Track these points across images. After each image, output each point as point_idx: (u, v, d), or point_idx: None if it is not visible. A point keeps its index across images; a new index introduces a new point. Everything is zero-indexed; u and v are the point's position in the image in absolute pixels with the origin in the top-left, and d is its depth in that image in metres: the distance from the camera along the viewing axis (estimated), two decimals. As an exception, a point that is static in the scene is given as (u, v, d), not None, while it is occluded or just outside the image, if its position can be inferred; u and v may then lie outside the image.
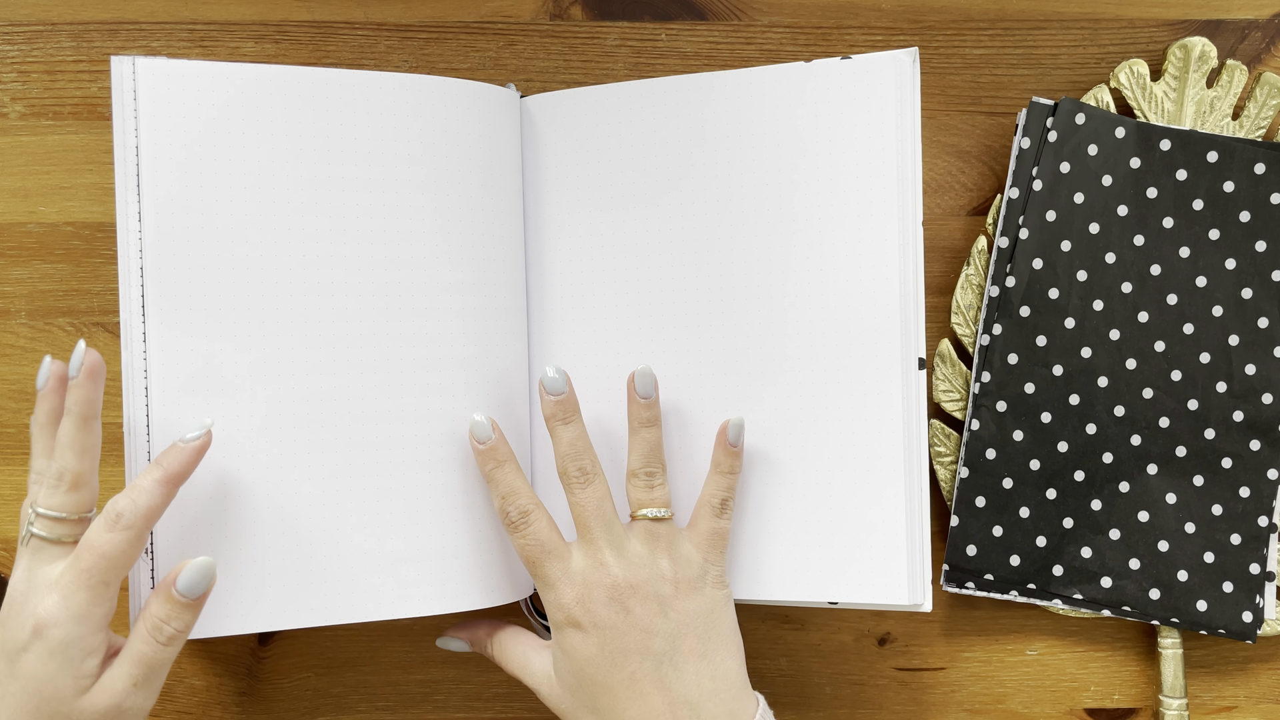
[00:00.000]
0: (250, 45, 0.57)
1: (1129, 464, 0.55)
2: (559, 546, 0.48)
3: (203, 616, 0.49)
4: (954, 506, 0.56)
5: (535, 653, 0.50)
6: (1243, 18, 0.58)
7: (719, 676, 0.48)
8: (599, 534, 0.48)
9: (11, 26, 0.57)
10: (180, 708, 0.57)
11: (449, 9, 0.58)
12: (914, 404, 0.52)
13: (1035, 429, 0.55)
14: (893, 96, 0.52)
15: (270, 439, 0.49)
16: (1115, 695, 0.58)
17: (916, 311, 0.52)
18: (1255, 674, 0.58)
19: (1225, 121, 0.55)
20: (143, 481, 0.44)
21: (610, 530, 0.48)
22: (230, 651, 0.57)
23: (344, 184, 0.50)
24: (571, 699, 0.48)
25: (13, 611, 0.43)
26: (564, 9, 0.58)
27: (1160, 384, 0.55)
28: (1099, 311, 0.55)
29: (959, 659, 0.58)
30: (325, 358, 0.50)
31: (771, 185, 0.53)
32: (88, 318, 0.57)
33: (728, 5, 0.58)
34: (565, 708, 0.48)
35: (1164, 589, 0.55)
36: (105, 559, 0.43)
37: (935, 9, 0.58)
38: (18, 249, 0.57)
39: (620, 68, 0.58)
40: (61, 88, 0.57)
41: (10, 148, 0.57)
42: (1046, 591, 0.55)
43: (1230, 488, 0.55)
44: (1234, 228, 0.55)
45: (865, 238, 0.52)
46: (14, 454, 0.56)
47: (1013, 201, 0.55)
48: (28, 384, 0.56)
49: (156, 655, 0.43)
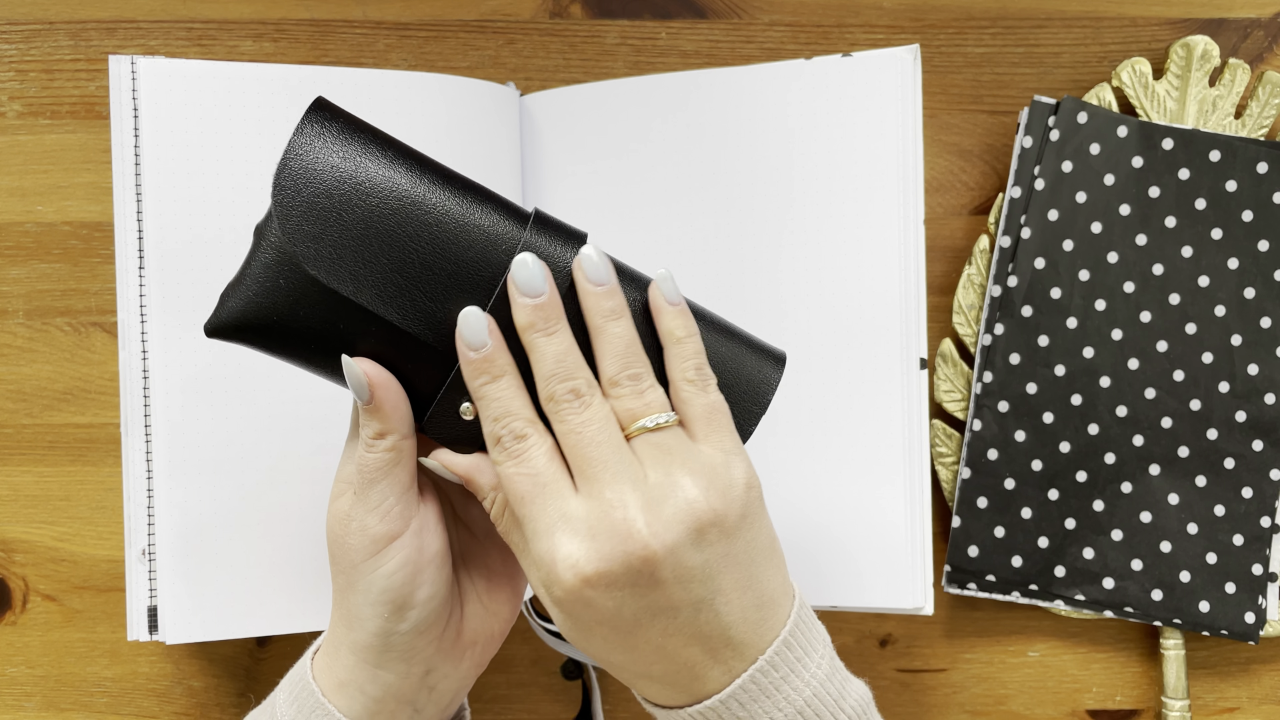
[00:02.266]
0: (248, 44, 0.57)
1: (1131, 464, 0.55)
2: (559, 482, 0.37)
3: (202, 619, 0.49)
4: (955, 507, 0.56)
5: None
6: (1245, 16, 0.57)
7: (764, 601, 0.38)
8: (611, 464, 0.37)
9: (9, 25, 0.56)
10: (179, 709, 0.56)
11: (448, 7, 0.57)
12: (915, 404, 0.52)
13: (1037, 429, 0.55)
14: (894, 94, 0.51)
15: (271, 440, 0.49)
16: (1117, 696, 0.58)
17: (918, 311, 0.52)
18: (1258, 675, 0.58)
19: (1228, 120, 0.55)
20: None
21: (622, 458, 0.37)
22: (229, 653, 0.56)
23: (343, 183, 0.50)
24: (583, 644, 0.39)
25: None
26: (564, 7, 0.58)
27: (1163, 384, 0.55)
28: (1101, 311, 0.55)
29: (961, 660, 0.58)
30: (324, 358, 0.50)
31: (772, 183, 0.53)
32: (85, 317, 0.56)
33: (728, 3, 0.57)
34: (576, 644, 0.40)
35: (1166, 590, 0.55)
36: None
37: (937, 7, 0.58)
38: (15, 248, 0.56)
39: (620, 66, 0.57)
40: (59, 87, 0.56)
41: (8, 147, 0.56)
42: (1048, 592, 0.55)
43: (1232, 488, 0.55)
44: (1236, 227, 0.55)
45: (866, 236, 0.52)
46: (12, 454, 0.56)
47: (1015, 201, 0.55)
48: (26, 384, 0.56)
49: (364, 459, 0.40)
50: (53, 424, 0.56)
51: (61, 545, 0.56)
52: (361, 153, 0.38)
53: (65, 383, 0.56)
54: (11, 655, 0.56)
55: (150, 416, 0.48)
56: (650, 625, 0.37)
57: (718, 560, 0.37)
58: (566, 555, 0.36)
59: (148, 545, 0.48)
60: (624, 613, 0.36)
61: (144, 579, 0.48)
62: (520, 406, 0.39)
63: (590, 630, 0.37)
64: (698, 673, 0.38)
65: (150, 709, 0.56)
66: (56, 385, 0.56)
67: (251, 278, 0.39)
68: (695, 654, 0.37)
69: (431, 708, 0.43)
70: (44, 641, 0.56)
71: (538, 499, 0.37)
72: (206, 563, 0.49)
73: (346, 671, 0.41)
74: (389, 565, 0.40)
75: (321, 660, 0.42)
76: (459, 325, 0.38)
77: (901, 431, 0.51)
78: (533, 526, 0.37)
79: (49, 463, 0.56)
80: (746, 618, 0.38)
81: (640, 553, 0.36)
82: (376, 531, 0.39)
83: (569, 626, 0.38)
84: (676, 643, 0.37)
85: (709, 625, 0.37)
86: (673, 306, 0.40)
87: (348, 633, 0.41)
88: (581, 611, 0.37)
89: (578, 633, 0.38)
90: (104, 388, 0.56)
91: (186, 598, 0.48)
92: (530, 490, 0.37)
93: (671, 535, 0.36)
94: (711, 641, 0.37)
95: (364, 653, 0.40)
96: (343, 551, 0.40)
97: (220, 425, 0.49)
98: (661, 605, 0.36)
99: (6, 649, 0.56)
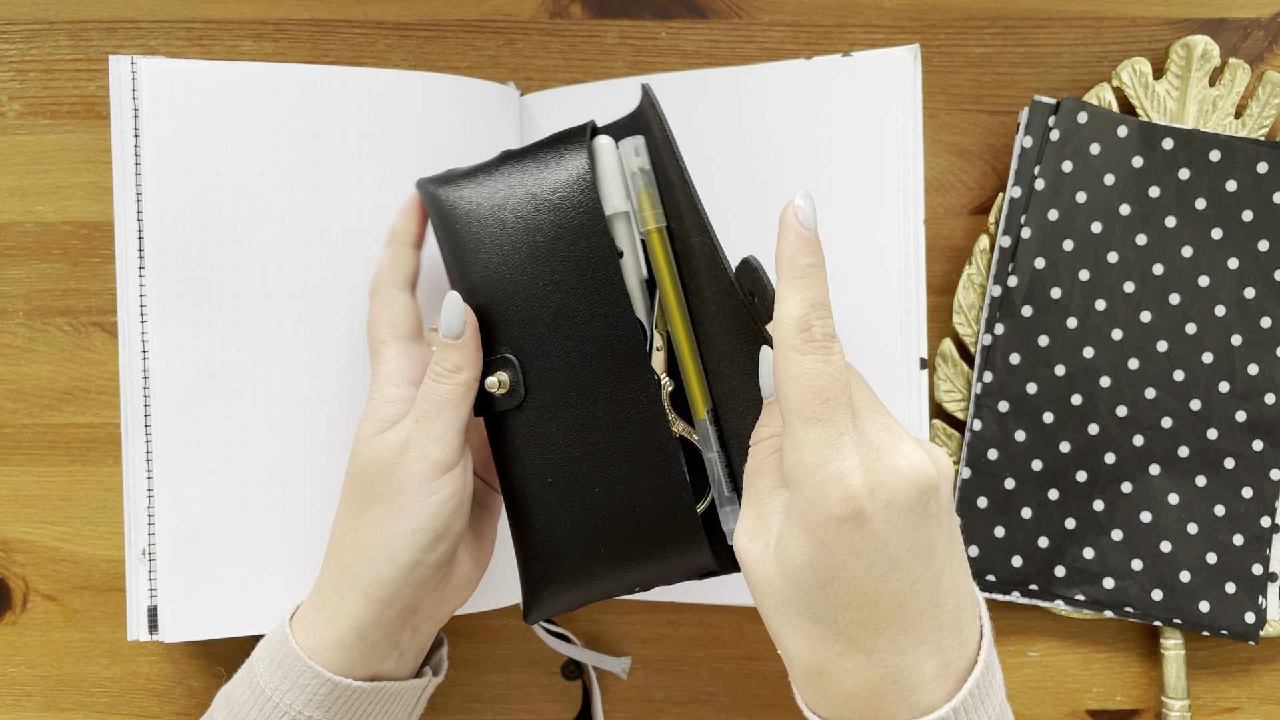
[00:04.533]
0: (248, 44, 0.57)
1: (1131, 464, 0.55)
2: (848, 395, 0.36)
3: (202, 618, 0.49)
4: (955, 507, 0.55)
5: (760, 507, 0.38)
6: (1245, 16, 0.57)
7: (973, 596, 0.38)
8: (876, 403, 0.37)
9: (9, 25, 0.56)
10: (179, 708, 0.56)
11: (448, 7, 0.57)
12: (915, 404, 0.52)
13: (1037, 429, 0.55)
14: (894, 94, 0.51)
15: (271, 441, 0.49)
16: (1118, 696, 0.58)
17: (918, 311, 0.52)
18: (1258, 675, 0.58)
19: (1228, 120, 0.55)
20: (380, 256, 0.48)
21: (879, 402, 0.37)
22: (229, 653, 0.56)
23: (344, 183, 0.50)
24: (793, 592, 0.36)
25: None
26: (564, 7, 0.57)
27: (1163, 384, 0.55)
28: (1101, 311, 0.55)
29: (960, 660, 0.58)
30: (327, 358, 0.50)
31: (771, 183, 0.53)
32: (85, 317, 0.56)
33: (728, 3, 0.57)
34: (773, 593, 0.36)
35: (1166, 590, 0.55)
36: (369, 326, 0.47)
37: (937, 7, 0.58)
38: (15, 248, 0.56)
39: (620, 66, 0.57)
40: (59, 87, 0.56)
41: (8, 147, 0.56)
42: (1049, 592, 0.55)
43: (1233, 488, 0.55)
44: (1236, 227, 0.55)
45: (866, 236, 0.52)
46: (12, 454, 0.56)
47: (1015, 200, 0.55)
48: (26, 383, 0.56)
49: (431, 390, 0.43)
50: (53, 424, 0.56)
51: (61, 545, 0.56)
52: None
53: (65, 383, 0.56)
54: (11, 655, 0.56)
55: (150, 416, 0.48)
56: (907, 568, 0.35)
57: (954, 523, 0.37)
58: (855, 468, 0.34)
59: (148, 545, 0.48)
60: (890, 544, 0.34)
61: (144, 579, 0.48)
62: (828, 297, 0.37)
63: (844, 564, 0.34)
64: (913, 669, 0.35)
65: (150, 709, 0.56)
66: (56, 385, 0.56)
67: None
68: (927, 629, 0.35)
69: (412, 650, 0.46)
70: (44, 641, 0.56)
71: (837, 405, 0.35)
72: (206, 563, 0.49)
73: (348, 619, 0.43)
74: (442, 494, 0.42)
75: (306, 621, 0.44)
76: (798, 205, 0.38)
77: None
78: (823, 433, 0.35)
79: (49, 463, 0.56)
80: (964, 603, 0.36)
81: (924, 480, 0.35)
82: (437, 458, 0.42)
83: (821, 556, 0.35)
84: (920, 603, 0.35)
85: (945, 595, 0.36)
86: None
87: (370, 568, 0.42)
88: (850, 534, 0.34)
89: (829, 563, 0.35)
90: (104, 388, 0.56)
91: (186, 597, 0.48)
92: (836, 393, 0.35)
93: (943, 471, 0.36)
94: (941, 618, 0.35)
95: (384, 586, 0.42)
96: (394, 478, 0.42)
97: (220, 425, 0.49)
98: (923, 545, 0.35)
99: (6, 649, 0.56)
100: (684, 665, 0.58)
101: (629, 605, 0.58)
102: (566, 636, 0.56)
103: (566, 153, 0.45)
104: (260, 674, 0.44)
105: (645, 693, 0.58)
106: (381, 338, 0.46)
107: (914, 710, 0.35)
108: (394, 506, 0.42)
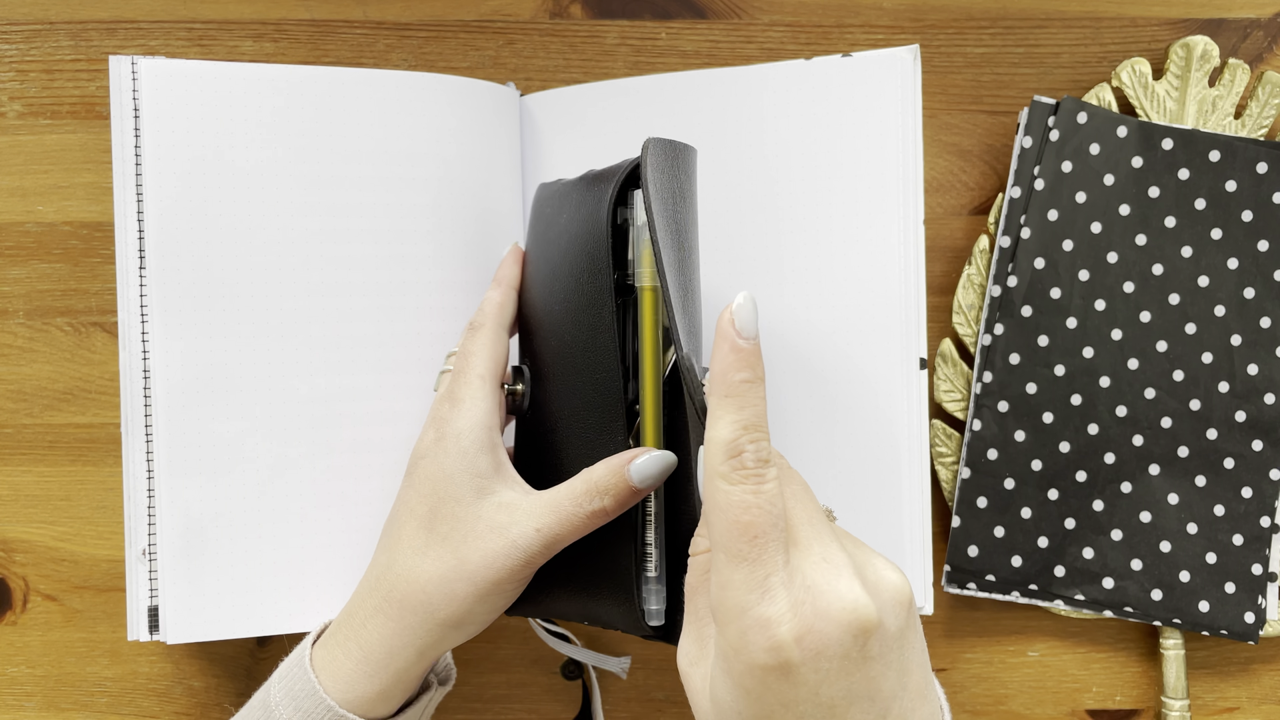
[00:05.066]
0: (249, 44, 0.57)
1: (1131, 464, 0.55)
2: (781, 529, 0.33)
3: (203, 619, 0.49)
4: (955, 507, 0.56)
5: (699, 629, 0.36)
6: (1245, 16, 0.57)
7: (933, 711, 0.35)
8: (819, 527, 0.33)
9: (9, 25, 0.56)
10: (179, 709, 0.56)
11: (448, 7, 0.57)
12: (915, 404, 0.52)
13: (1037, 429, 0.55)
14: (894, 94, 0.51)
15: (272, 441, 0.49)
16: (1117, 696, 0.58)
17: (918, 311, 0.52)
18: (1257, 675, 0.58)
19: (1227, 121, 0.55)
20: (487, 293, 0.48)
21: (826, 523, 0.34)
22: (229, 653, 0.56)
23: (344, 183, 0.50)
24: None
25: (423, 432, 0.46)
26: (564, 7, 0.58)
27: (1162, 384, 0.55)
28: (1101, 311, 0.55)
29: (960, 660, 0.58)
30: (327, 358, 0.50)
31: (771, 183, 0.53)
32: (85, 318, 0.56)
33: (728, 3, 0.58)
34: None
35: (1166, 590, 0.55)
36: (466, 356, 0.45)
37: (936, 7, 0.58)
38: (15, 248, 0.56)
39: (620, 66, 0.57)
40: (59, 87, 0.56)
41: (8, 147, 0.56)
42: (1048, 592, 0.55)
43: (1232, 488, 0.55)
44: (1236, 227, 0.55)
45: (866, 236, 0.52)
46: (13, 454, 0.56)
47: (1014, 201, 0.55)
48: (26, 383, 0.56)
49: (572, 521, 0.41)
50: (53, 424, 0.56)
51: (61, 545, 0.56)
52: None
53: (65, 383, 0.56)
54: (11, 655, 0.56)
55: (150, 416, 0.48)
56: (844, 714, 0.32)
57: (907, 652, 0.34)
58: (782, 614, 0.31)
59: (148, 545, 0.48)
60: (822, 693, 0.32)
61: (144, 579, 0.48)
62: (765, 419, 0.34)
63: (772, 714, 0.32)
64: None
65: (150, 709, 0.56)
66: (56, 385, 0.56)
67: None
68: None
69: (420, 670, 0.44)
70: (44, 641, 0.56)
71: (768, 543, 0.32)
72: (206, 563, 0.49)
73: (392, 673, 0.42)
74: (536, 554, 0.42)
75: (331, 651, 0.43)
76: (733, 313, 0.34)
77: (901, 431, 0.52)
78: (749, 574, 0.32)
79: (49, 463, 0.56)
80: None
81: (860, 623, 0.32)
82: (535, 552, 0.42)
83: (748, 705, 0.32)
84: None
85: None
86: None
87: (458, 581, 0.42)
88: (776, 685, 0.32)
89: (757, 712, 0.32)
90: (104, 388, 0.56)
91: (186, 598, 0.48)
92: (766, 528, 0.32)
93: (885, 608, 0.33)
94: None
95: (469, 601, 0.42)
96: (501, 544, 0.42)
97: (220, 425, 0.49)
98: (862, 689, 0.32)
99: (6, 649, 0.56)
100: (684, 665, 0.58)
101: (629, 605, 0.58)
102: (566, 636, 0.56)
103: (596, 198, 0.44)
104: (276, 709, 0.43)
105: (645, 693, 0.58)
106: (480, 371, 0.45)
107: None
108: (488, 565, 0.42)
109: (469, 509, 0.42)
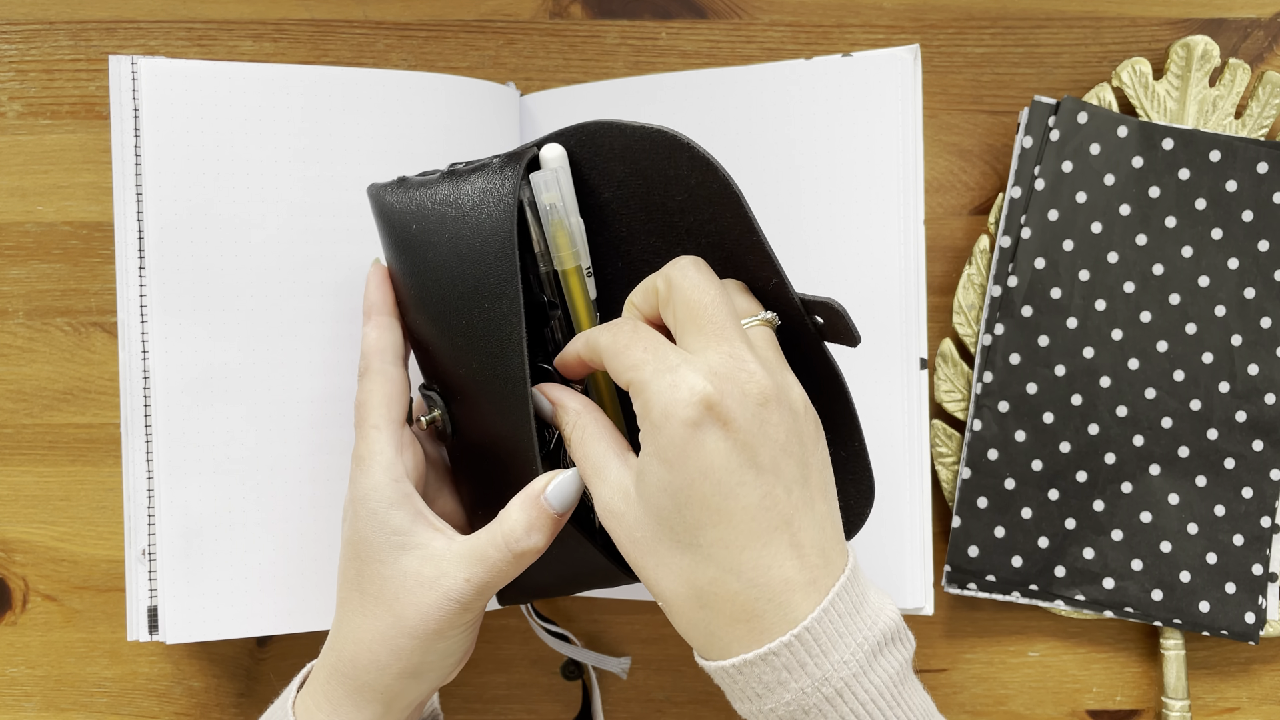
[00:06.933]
0: (248, 44, 0.57)
1: (1131, 464, 0.55)
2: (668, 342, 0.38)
3: (202, 619, 0.49)
4: (955, 507, 0.55)
5: (617, 458, 0.38)
6: (1245, 16, 0.57)
7: (836, 525, 0.38)
8: (731, 328, 0.37)
9: (9, 25, 0.56)
10: (179, 709, 0.56)
11: (448, 7, 0.57)
12: (915, 404, 0.52)
13: (1037, 429, 0.55)
14: (894, 94, 0.51)
15: (272, 441, 0.49)
16: (1117, 697, 0.58)
17: (918, 311, 0.52)
18: (1258, 675, 0.58)
19: (1228, 120, 0.55)
20: (364, 329, 0.44)
21: (739, 327, 0.38)
22: (229, 653, 0.56)
23: (344, 183, 0.50)
24: (656, 526, 0.36)
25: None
26: (564, 7, 0.57)
27: (1163, 384, 0.55)
28: (1101, 311, 0.55)
29: (961, 660, 0.58)
30: (327, 358, 0.50)
31: (771, 183, 0.53)
32: (85, 317, 0.56)
33: (728, 3, 0.57)
34: (640, 537, 0.37)
35: (1166, 590, 0.55)
36: (359, 408, 0.43)
37: (937, 7, 0.58)
38: (15, 248, 0.56)
39: (620, 66, 0.57)
40: (59, 87, 0.56)
41: (8, 147, 0.56)
42: (1049, 593, 0.55)
43: (1233, 488, 0.55)
44: (1236, 227, 0.55)
45: (866, 237, 0.52)
46: (13, 454, 0.56)
47: (1015, 201, 0.55)
48: (26, 384, 0.56)
49: (500, 569, 0.41)
50: (53, 424, 0.56)
51: (61, 545, 0.56)
52: None
53: (65, 383, 0.56)
54: (11, 655, 0.56)
55: (150, 416, 0.48)
56: (758, 480, 0.35)
57: (808, 445, 0.37)
58: (694, 383, 0.35)
59: (148, 545, 0.48)
60: (731, 460, 0.35)
61: (144, 579, 0.48)
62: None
63: (692, 483, 0.35)
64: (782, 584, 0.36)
65: (150, 709, 0.56)
66: (56, 385, 0.56)
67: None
68: (784, 546, 0.36)
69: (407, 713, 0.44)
70: (44, 641, 0.56)
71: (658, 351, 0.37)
72: (206, 563, 0.49)
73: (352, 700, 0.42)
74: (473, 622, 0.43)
75: (305, 702, 0.43)
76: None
77: (901, 431, 0.51)
78: (654, 369, 0.36)
79: (49, 463, 0.56)
80: (824, 531, 0.37)
81: (752, 376, 0.36)
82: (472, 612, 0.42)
83: (671, 478, 0.36)
84: (772, 518, 0.36)
85: (800, 516, 0.36)
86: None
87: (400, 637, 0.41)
88: (693, 452, 0.35)
89: (680, 483, 0.36)
90: (104, 388, 0.56)
91: (186, 598, 0.48)
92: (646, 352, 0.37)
93: (785, 384, 0.37)
94: (798, 537, 0.36)
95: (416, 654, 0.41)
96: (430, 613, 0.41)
97: (220, 425, 0.49)
98: (767, 459, 0.36)
99: (6, 649, 0.56)
100: (684, 665, 0.58)
101: (629, 605, 0.58)
102: (566, 637, 0.56)
103: (495, 189, 0.40)
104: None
105: (645, 693, 0.58)
106: (374, 421, 0.42)
107: (789, 624, 0.35)
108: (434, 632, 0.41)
109: (392, 568, 0.41)
